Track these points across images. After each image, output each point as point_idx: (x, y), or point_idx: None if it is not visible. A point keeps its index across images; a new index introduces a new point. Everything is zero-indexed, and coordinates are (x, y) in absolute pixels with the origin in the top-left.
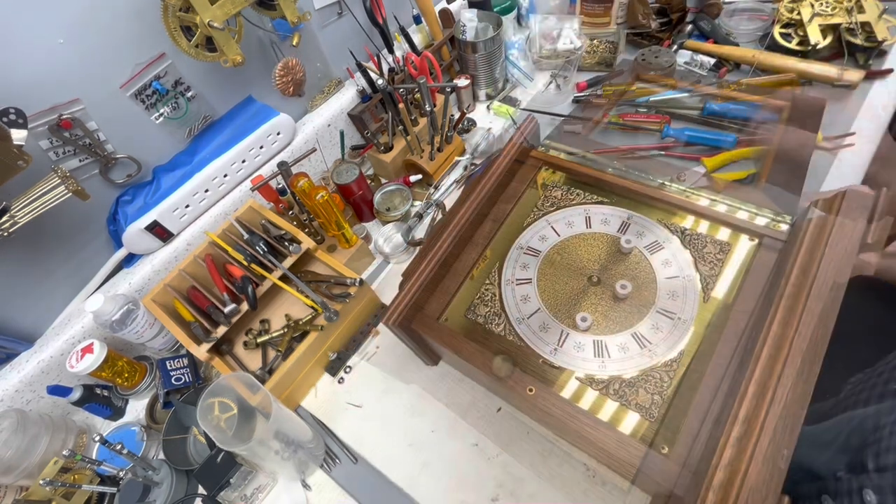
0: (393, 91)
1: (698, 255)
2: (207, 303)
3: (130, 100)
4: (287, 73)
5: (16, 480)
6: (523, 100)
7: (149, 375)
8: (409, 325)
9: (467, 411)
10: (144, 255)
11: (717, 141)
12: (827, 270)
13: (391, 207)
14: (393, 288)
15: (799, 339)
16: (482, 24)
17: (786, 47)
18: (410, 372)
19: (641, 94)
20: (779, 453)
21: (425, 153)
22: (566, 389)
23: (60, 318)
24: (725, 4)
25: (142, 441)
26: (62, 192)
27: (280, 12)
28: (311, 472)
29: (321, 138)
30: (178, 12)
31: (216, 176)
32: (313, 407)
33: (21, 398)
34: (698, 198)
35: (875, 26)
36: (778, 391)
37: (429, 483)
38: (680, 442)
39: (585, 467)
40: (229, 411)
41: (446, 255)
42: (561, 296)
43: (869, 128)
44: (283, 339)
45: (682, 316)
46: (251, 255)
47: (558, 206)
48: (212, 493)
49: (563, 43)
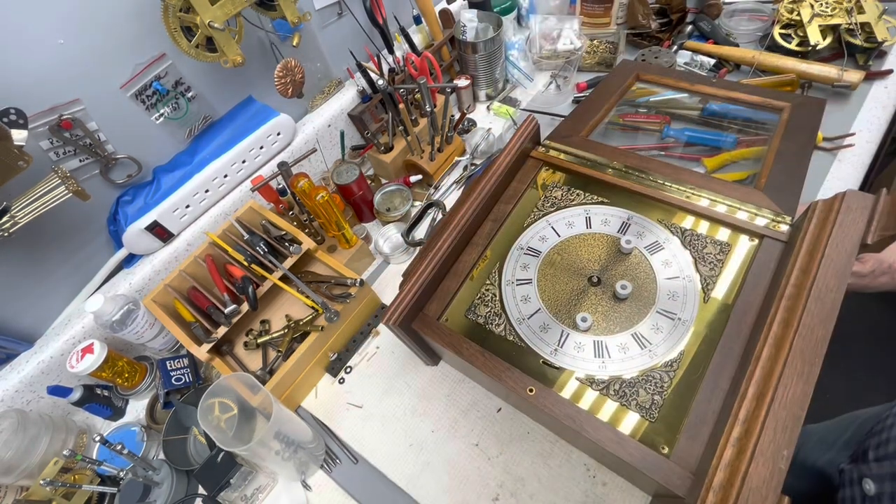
0: (393, 91)
1: (698, 256)
2: (208, 303)
3: (131, 100)
4: (287, 74)
5: (16, 480)
6: (523, 100)
7: (149, 376)
8: (410, 326)
9: (468, 411)
10: (145, 256)
11: (717, 141)
12: (827, 270)
13: (391, 208)
14: (393, 288)
15: (799, 339)
16: (482, 24)
17: (786, 48)
18: (411, 372)
19: (641, 95)
20: (779, 453)
21: (425, 153)
22: (566, 390)
23: (60, 319)
24: (725, 5)
25: (142, 441)
26: (62, 193)
27: (280, 13)
28: (312, 473)
29: (321, 139)
30: (178, 12)
31: (216, 176)
32: (314, 407)
33: (21, 398)
34: (698, 198)
35: (875, 27)
36: (778, 391)
37: (429, 483)
38: (680, 442)
39: (585, 467)
40: (230, 412)
41: (446, 255)
42: (561, 296)
43: (869, 128)
44: (284, 340)
45: (683, 316)
46: (251, 256)
47: (558, 207)
48: (212, 493)
49: (563, 43)
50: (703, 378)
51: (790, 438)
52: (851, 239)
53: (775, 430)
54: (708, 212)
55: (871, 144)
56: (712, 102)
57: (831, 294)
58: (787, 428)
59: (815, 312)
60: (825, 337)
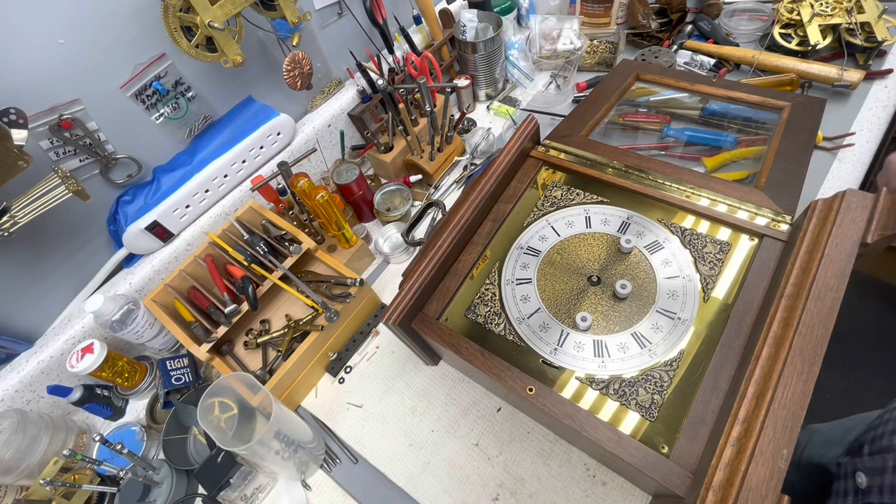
0: (393, 91)
1: (698, 255)
2: (208, 303)
3: (131, 100)
4: (294, 66)
5: (16, 480)
6: (523, 100)
7: (149, 375)
8: (409, 325)
9: (467, 411)
10: (145, 256)
11: (717, 141)
12: (827, 270)
13: (391, 207)
14: (393, 288)
15: (799, 339)
16: (482, 24)
17: (786, 47)
18: (410, 372)
19: (641, 94)
20: (778, 453)
21: (425, 153)
22: (566, 389)
23: (60, 319)
24: (725, 5)
25: (142, 441)
26: (62, 193)
27: (280, 12)
28: (312, 473)
29: (321, 138)
30: (178, 12)
31: (216, 176)
32: (314, 407)
33: (21, 398)
34: (698, 197)
35: (875, 26)
36: (778, 391)
37: (429, 483)
38: (680, 442)
39: (585, 467)
40: (229, 411)
41: (446, 255)
42: (561, 295)
43: (869, 127)
44: (284, 340)
45: (682, 316)
46: (251, 256)
47: (558, 206)
48: (212, 493)
49: (563, 43)
50: (702, 377)
51: (790, 438)
52: (851, 238)
53: (775, 429)
54: (708, 211)
55: (871, 144)
56: (712, 102)
57: (831, 293)
58: (786, 427)
59: (814, 312)
60: (825, 336)
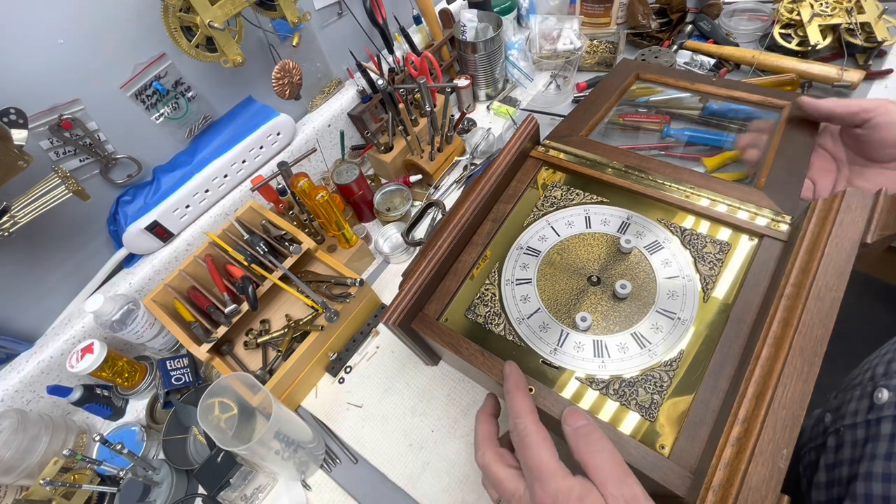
0: (393, 91)
1: (698, 255)
2: (208, 303)
3: (131, 100)
4: (284, 75)
5: (16, 480)
6: (523, 100)
7: (149, 375)
8: (409, 325)
9: (468, 411)
10: (144, 256)
11: (717, 140)
12: (827, 269)
13: (391, 207)
14: (393, 288)
15: (799, 339)
16: (482, 24)
17: (785, 48)
18: (410, 372)
19: (641, 94)
20: (778, 452)
21: (425, 153)
22: (566, 389)
23: (60, 319)
24: (725, 5)
25: (142, 441)
26: (62, 193)
27: (280, 13)
28: (312, 473)
29: (321, 138)
30: (178, 12)
31: (216, 176)
32: (314, 407)
33: (21, 398)
34: (698, 197)
35: (875, 26)
36: (778, 391)
37: (429, 483)
38: (679, 442)
39: None
40: (229, 411)
41: (446, 254)
42: (561, 296)
43: None
44: (284, 340)
45: (682, 316)
46: (251, 256)
47: (558, 206)
48: (212, 493)
49: (563, 43)
50: (702, 377)
51: (790, 437)
52: (851, 238)
53: (775, 429)
54: (708, 211)
55: None
56: (712, 102)
57: (831, 293)
58: (786, 427)
59: (814, 311)
60: (825, 336)
